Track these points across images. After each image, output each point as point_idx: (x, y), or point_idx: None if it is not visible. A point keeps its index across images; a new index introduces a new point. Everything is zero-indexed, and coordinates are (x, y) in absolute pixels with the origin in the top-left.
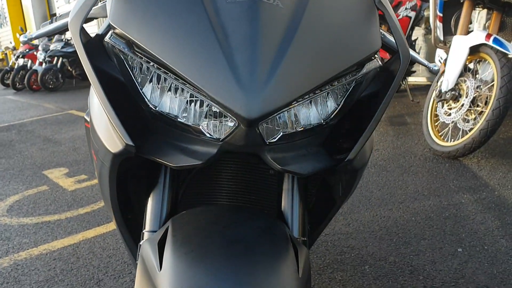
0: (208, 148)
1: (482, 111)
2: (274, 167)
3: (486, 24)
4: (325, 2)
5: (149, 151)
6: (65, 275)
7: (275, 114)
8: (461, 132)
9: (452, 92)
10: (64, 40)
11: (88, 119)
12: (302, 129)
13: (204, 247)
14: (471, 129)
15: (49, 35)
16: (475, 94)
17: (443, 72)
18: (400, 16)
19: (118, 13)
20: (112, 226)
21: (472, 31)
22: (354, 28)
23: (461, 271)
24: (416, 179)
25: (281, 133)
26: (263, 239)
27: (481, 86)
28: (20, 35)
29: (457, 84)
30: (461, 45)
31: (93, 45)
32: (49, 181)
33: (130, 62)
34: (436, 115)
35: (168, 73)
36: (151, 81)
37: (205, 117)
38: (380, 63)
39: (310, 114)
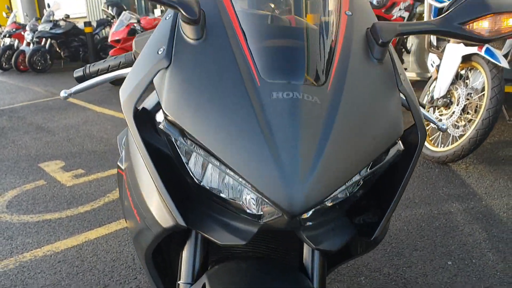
0: (249, 227)
1: (471, 119)
2: (310, 245)
3: None
4: (356, 93)
5: (195, 223)
6: (71, 279)
7: (316, 207)
8: (451, 138)
9: (444, 99)
10: (53, 21)
11: (123, 168)
12: (331, 204)
13: None
14: (461, 135)
15: (88, 89)
16: (466, 102)
17: (436, 78)
18: (394, 17)
19: (172, 102)
20: (113, 227)
21: None
22: (382, 115)
23: (451, 285)
24: (408, 185)
25: (313, 210)
26: None
27: (472, 94)
28: (6, 14)
29: (449, 91)
30: (454, 53)
31: (140, 118)
32: (46, 175)
33: (179, 144)
34: (427, 120)
35: (217, 164)
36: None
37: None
38: (402, 147)
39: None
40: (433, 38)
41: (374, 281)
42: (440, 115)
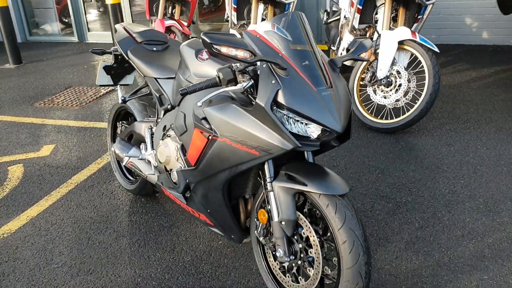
0: (315, 142)
1: (414, 95)
2: (334, 144)
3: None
4: (339, 87)
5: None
6: None
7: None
8: (401, 111)
9: (388, 79)
10: None
11: (220, 134)
12: None
13: None
14: (408, 109)
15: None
16: (406, 81)
17: (374, 60)
18: None
19: (287, 98)
20: None
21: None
22: (347, 93)
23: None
24: (367, 152)
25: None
26: None
27: (411, 75)
28: None
29: (389, 72)
30: (390, 39)
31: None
32: None
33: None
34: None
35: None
36: None
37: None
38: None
39: None
40: (356, 23)
41: None
42: (383, 92)
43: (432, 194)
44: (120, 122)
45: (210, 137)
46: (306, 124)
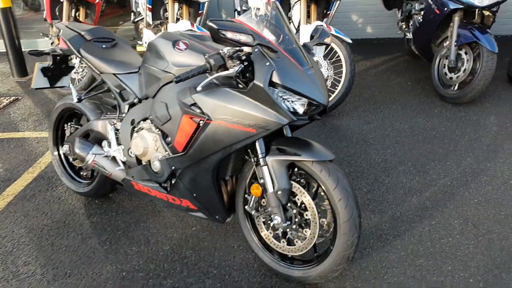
0: (304, 117)
1: (333, 82)
2: (316, 119)
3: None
4: (315, 66)
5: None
6: None
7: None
8: None
9: None
10: None
11: (213, 117)
12: None
13: None
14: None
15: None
16: (326, 70)
17: None
18: None
19: (282, 77)
20: None
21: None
22: (320, 72)
23: None
24: (301, 135)
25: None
26: None
27: (329, 64)
28: None
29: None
30: (307, 32)
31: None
32: None
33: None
34: None
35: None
36: None
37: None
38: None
39: None
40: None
41: None
42: None
43: (369, 164)
44: (69, 124)
45: (201, 122)
46: (292, 101)
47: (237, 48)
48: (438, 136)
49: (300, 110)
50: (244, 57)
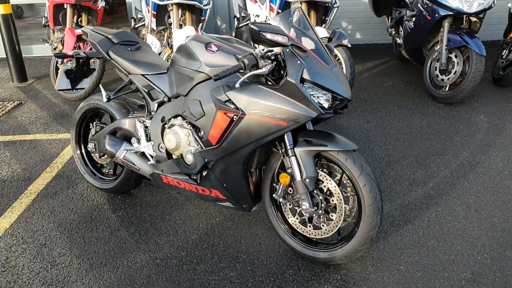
0: (329, 111)
1: None
2: (338, 113)
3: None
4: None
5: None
6: None
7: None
8: None
9: None
10: None
11: (246, 112)
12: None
13: None
14: None
15: None
16: None
17: None
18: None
19: (309, 70)
20: None
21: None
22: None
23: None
24: None
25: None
26: None
27: None
28: None
29: None
30: None
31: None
32: None
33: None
34: None
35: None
36: None
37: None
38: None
39: None
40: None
41: None
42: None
43: (374, 158)
44: (95, 123)
45: (235, 117)
46: (318, 97)
47: (268, 48)
48: (435, 133)
49: (325, 104)
50: (273, 57)
